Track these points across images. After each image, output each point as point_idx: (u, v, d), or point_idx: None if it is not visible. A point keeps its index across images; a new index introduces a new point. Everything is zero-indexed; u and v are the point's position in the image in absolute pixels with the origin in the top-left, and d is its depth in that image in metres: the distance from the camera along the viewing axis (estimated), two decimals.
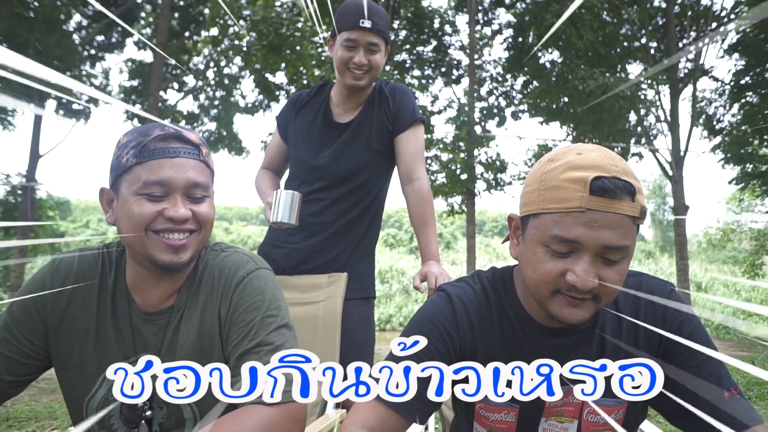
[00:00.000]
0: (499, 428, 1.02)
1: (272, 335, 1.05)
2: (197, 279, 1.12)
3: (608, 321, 1.00)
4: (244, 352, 1.03)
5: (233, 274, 1.10)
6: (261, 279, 1.11)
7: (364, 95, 1.97)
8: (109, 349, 1.08)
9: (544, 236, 0.87)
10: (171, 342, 1.08)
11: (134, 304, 1.10)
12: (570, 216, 0.84)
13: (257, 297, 1.08)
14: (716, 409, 0.89)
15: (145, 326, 1.09)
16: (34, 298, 1.09)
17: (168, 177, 1.01)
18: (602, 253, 0.85)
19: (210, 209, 1.08)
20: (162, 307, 1.10)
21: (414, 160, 1.91)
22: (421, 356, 0.96)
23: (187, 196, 1.04)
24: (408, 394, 0.93)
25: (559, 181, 0.86)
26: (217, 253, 1.16)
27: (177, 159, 1.03)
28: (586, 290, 0.85)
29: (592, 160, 0.85)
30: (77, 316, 1.09)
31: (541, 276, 0.89)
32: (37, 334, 1.08)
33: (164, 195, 1.02)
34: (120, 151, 1.04)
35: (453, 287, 1.05)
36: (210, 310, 1.09)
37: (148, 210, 1.01)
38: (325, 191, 1.91)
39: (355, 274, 1.90)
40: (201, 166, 1.06)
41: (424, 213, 1.87)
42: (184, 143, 1.04)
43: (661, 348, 0.98)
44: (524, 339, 1.00)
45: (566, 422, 1.00)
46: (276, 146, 2.11)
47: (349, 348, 1.83)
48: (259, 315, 1.06)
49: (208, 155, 1.10)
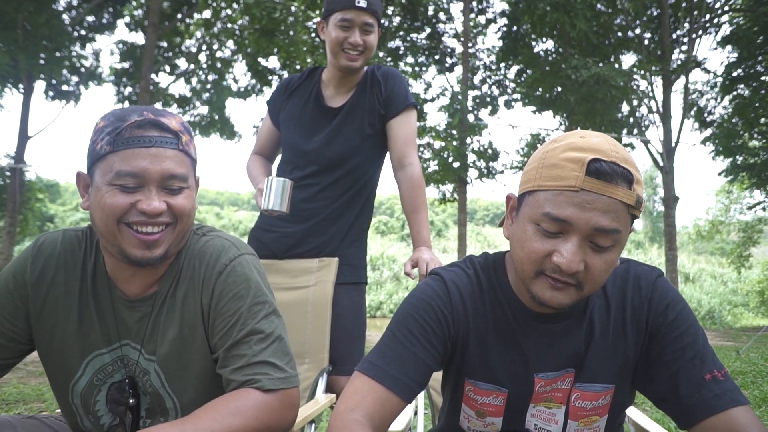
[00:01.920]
0: (487, 411, 1.03)
1: (262, 323, 1.03)
2: (179, 266, 1.08)
3: (597, 306, 1.01)
4: (235, 342, 1.01)
5: (215, 262, 1.06)
6: (244, 265, 1.07)
7: (356, 79, 1.95)
8: (93, 334, 1.06)
9: (536, 213, 0.88)
10: (153, 329, 1.06)
11: (116, 289, 1.07)
12: (564, 195, 0.84)
13: (242, 285, 1.05)
14: (696, 391, 0.90)
15: (128, 312, 1.06)
16: (16, 280, 1.06)
17: (142, 168, 0.95)
18: (592, 236, 0.85)
19: (187, 201, 1.02)
20: (145, 294, 1.07)
21: (406, 145, 1.90)
22: (417, 336, 0.96)
23: (162, 188, 0.99)
24: (405, 375, 0.94)
25: (558, 160, 0.86)
26: (198, 238, 1.11)
27: (153, 149, 0.97)
28: (570, 272, 0.85)
29: (593, 144, 0.85)
30: (59, 299, 1.06)
31: (528, 254, 0.89)
32: (18, 316, 1.06)
33: (138, 186, 0.97)
34: (96, 137, 0.98)
35: (446, 271, 1.05)
36: (191, 298, 1.06)
37: (121, 201, 0.96)
38: (317, 176, 1.90)
39: (346, 259, 1.89)
40: (179, 156, 1.00)
41: (416, 199, 1.87)
42: (162, 131, 0.99)
43: (648, 331, 0.99)
44: (515, 324, 1.00)
45: (554, 408, 1.02)
46: (267, 131, 2.09)
47: (339, 333, 1.83)
48: (246, 303, 1.03)
49: (189, 143, 1.03)
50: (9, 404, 3.97)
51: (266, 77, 13.75)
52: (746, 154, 14.29)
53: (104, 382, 1.07)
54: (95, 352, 1.06)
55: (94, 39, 13.82)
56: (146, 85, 11.56)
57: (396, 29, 13.97)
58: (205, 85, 14.61)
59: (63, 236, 1.10)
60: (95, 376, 1.07)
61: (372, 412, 0.90)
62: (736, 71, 13.56)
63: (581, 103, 11.91)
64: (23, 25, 11.05)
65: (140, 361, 1.06)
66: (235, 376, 0.99)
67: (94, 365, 1.07)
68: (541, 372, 0.99)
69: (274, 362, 1.00)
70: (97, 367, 1.07)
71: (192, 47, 14.54)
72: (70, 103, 13.64)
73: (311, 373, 1.75)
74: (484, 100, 14.83)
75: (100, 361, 1.07)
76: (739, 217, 21.38)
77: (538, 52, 13.47)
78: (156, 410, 1.08)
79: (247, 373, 0.98)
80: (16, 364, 1.11)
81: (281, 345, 1.04)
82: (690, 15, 13.20)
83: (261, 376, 0.98)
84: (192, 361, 1.05)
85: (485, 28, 15.01)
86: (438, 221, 37.48)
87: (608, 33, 13.19)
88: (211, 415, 0.91)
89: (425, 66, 14.78)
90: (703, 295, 24.62)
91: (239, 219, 40.35)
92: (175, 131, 1.00)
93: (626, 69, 12.15)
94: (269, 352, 1.01)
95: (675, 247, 13.01)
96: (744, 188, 16.40)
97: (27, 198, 14.01)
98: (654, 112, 13.49)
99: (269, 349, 1.01)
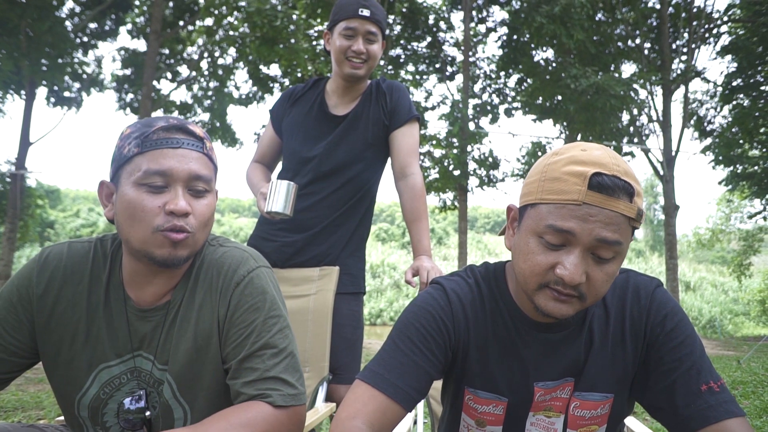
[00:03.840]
0: (487, 420, 1.03)
1: (276, 337, 1.03)
2: (194, 275, 1.08)
3: (596, 316, 1.01)
4: (248, 354, 1.01)
5: (233, 273, 1.07)
6: (262, 278, 1.08)
7: (361, 88, 1.97)
8: (100, 346, 1.05)
9: (538, 226, 0.88)
10: (166, 339, 1.05)
11: (129, 300, 1.07)
12: (566, 208, 0.85)
13: (258, 297, 1.05)
14: (692, 401, 0.90)
15: (140, 323, 1.06)
16: (20, 293, 1.05)
17: (170, 167, 0.98)
18: (594, 247, 0.86)
19: (208, 209, 1.03)
20: (158, 304, 1.07)
21: (408, 156, 1.92)
22: (418, 345, 0.97)
23: (188, 189, 1.01)
24: (406, 383, 0.94)
25: (560, 173, 0.87)
26: (215, 249, 1.12)
27: (180, 150, 1.00)
28: (573, 284, 0.86)
29: (595, 157, 0.86)
30: (66, 312, 1.05)
31: (531, 267, 0.89)
32: (22, 330, 1.05)
33: (165, 186, 0.98)
34: (122, 142, 1.01)
35: (447, 280, 1.06)
36: (208, 308, 1.06)
37: (150, 205, 0.97)
38: (318, 184, 1.91)
39: (347, 269, 1.90)
40: (204, 159, 1.03)
41: (417, 208, 1.88)
42: (187, 135, 1.02)
43: (646, 341, 0.99)
44: (515, 333, 1.01)
45: (553, 417, 1.02)
46: (269, 140, 2.10)
47: (340, 342, 1.83)
48: (261, 316, 1.04)
49: (211, 149, 1.07)
50: (7, 412, 3.96)
51: (267, 85, 13.82)
52: (746, 164, 14.32)
53: (111, 396, 1.06)
54: (103, 364, 1.05)
55: (96, 46, 13.93)
56: (148, 92, 11.61)
57: (397, 38, 14.05)
58: (206, 92, 14.69)
59: (69, 248, 1.09)
60: (103, 389, 1.06)
61: (373, 420, 0.90)
62: (736, 81, 13.61)
63: (581, 112, 11.95)
64: (26, 31, 11.13)
65: (153, 371, 1.06)
66: (246, 390, 0.99)
67: (101, 378, 1.05)
68: (541, 381, 1.00)
69: (286, 379, 1.00)
70: (105, 379, 1.06)
71: (194, 54, 14.64)
72: (71, 110, 13.70)
73: (312, 382, 1.75)
74: (485, 108, 14.89)
75: (108, 374, 1.06)
76: (739, 226, 21.40)
77: (538, 61, 13.53)
78: (163, 424, 1.07)
79: (259, 388, 0.98)
80: (16, 378, 1.10)
81: (293, 361, 1.04)
82: (690, 25, 13.28)
83: (272, 391, 0.98)
84: (205, 371, 1.05)
85: (485, 37, 15.11)
86: (439, 229, 37.49)
87: (608, 42, 13.26)
88: (222, 424, 0.91)
89: (426, 74, 14.85)
90: (704, 304, 24.59)
91: (240, 226, 40.35)
92: (200, 136, 1.04)
93: (626, 78, 12.20)
94: (281, 368, 1.01)
95: (675, 256, 13.01)
96: (744, 197, 16.42)
97: (27, 204, 14.02)
98: (654, 121, 13.54)
99: (282, 364, 1.01)
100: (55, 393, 1.10)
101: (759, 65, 13.08)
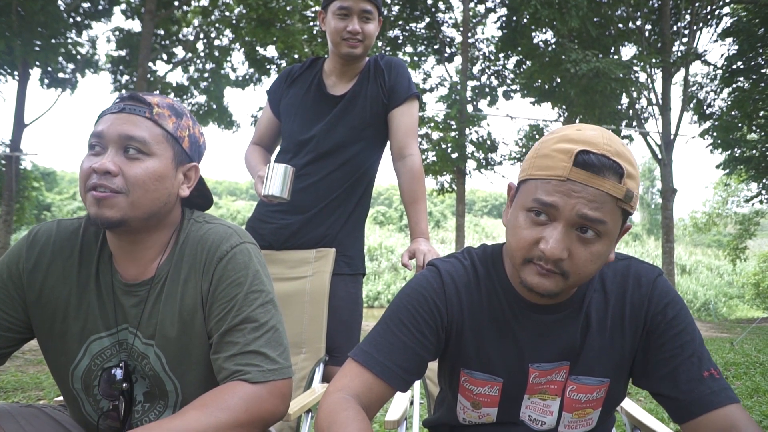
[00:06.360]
0: (482, 401, 1.04)
1: (257, 311, 1.04)
2: (179, 250, 1.09)
3: (594, 301, 1.02)
4: (229, 328, 1.02)
5: (216, 248, 1.07)
6: (245, 254, 1.09)
7: (359, 67, 1.95)
8: (92, 318, 1.07)
9: (527, 201, 0.90)
10: (150, 315, 1.07)
11: (116, 274, 1.08)
12: (551, 183, 0.86)
13: (241, 272, 1.06)
14: (694, 387, 0.92)
15: (125, 297, 1.07)
16: (10, 270, 1.07)
17: (102, 129, 1.00)
18: (577, 224, 0.86)
19: (143, 171, 1.00)
20: (142, 279, 1.08)
21: (407, 136, 1.90)
22: (408, 326, 0.98)
23: (123, 151, 1.00)
24: (394, 363, 0.95)
25: (550, 150, 0.89)
26: (201, 225, 1.13)
27: (121, 114, 1.01)
28: (553, 259, 0.86)
29: (586, 137, 0.87)
30: (56, 286, 1.07)
31: (518, 241, 0.91)
32: (15, 306, 1.07)
33: (102, 148, 1.00)
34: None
35: (443, 262, 1.06)
36: (192, 283, 1.07)
37: (85, 166, 1.00)
38: (316, 164, 1.90)
39: (344, 250, 1.90)
40: (144, 122, 1.02)
41: (415, 190, 1.87)
42: (133, 101, 1.03)
43: (646, 329, 1.00)
44: (511, 315, 1.01)
45: (549, 400, 1.03)
46: (267, 121, 2.08)
47: (337, 324, 1.84)
48: (243, 291, 1.04)
49: (162, 116, 1.04)
50: (7, 392, 3.98)
51: (264, 66, 13.67)
52: (744, 147, 14.30)
53: (102, 367, 1.08)
54: (94, 335, 1.07)
55: (90, 26, 13.69)
56: (143, 73, 11.48)
57: (395, 18, 13.89)
58: (202, 74, 14.51)
59: (58, 226, 1.11)
60: (94, 360, 1.08)
61: (359, 393, 0.93)
62: (737, 63, 13.53)
63: (580, 95, 11.87)
64: (18, 10, 10.93)
65: (137, 344, 1.07)
66: (226, 365, 1.00)
67: (93, 349, 1.07)
68: (536, 362, 1.00)
69: (266, 352, 1.01)
70: (95, 351, 1.07)
71: (189, 35, 14.44)
72: (66, 91, 13.56)
73: (308, 363, 1.75)
74: (483, 90, 14.79)
75: (99, 345, 1.07)
76: (736, 210, 21.45)
77: (538, 43, 13.40)
78: (155, 393, 1.09)
79: (239, 363, 0.99)
80: (13, 353, 1.12)
81: (275, 335, 1.04)
82: (691, 7, 13.14)
83: (251, 367, 0.99)
84: (192, 345, 1.06)
85: (484, 18, 14.93)
86: (436, 212, 37.54)
87: (609, 24, 13.13)
88: (200, 410, 0.92)
89: (424, 56, 14.73)
90: (699, 287, 24.81)
91: (237, 209, 40.35)
92: (149, 103, 1.04)
93: (626, 61, 12.11)
94: (262, 342, 1.01)
95: (672, 239, 13.05)
96: (741, 181, 16.44)
97: (23, 186, 13.95)
98: (653, 105, 13.47)
99: (263, 338, 1.02)
100: (50, 366, 1.13)
101: (760, 48, 12.99)
